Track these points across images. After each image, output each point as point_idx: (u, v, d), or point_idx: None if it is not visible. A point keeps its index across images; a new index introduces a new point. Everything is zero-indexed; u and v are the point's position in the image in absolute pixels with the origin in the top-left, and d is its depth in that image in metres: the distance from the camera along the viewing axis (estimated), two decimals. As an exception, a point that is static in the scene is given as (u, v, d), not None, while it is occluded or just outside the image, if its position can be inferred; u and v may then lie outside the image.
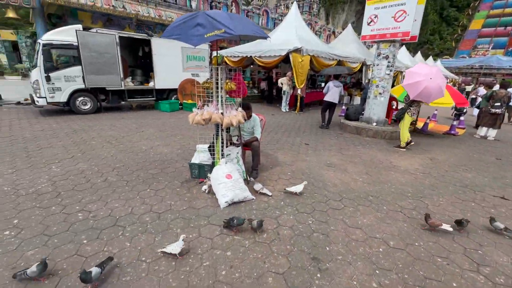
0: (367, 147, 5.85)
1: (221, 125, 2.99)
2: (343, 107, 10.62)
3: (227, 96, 3.22)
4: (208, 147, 3.46)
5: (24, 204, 2.80)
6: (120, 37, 8.05)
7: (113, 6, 10.66)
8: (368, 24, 6.87)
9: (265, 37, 2.98)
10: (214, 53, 12.14)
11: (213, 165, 3.32)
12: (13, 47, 19.51)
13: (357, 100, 14.96)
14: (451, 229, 2.60)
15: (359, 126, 7.02)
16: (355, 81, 19.31)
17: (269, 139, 6.02)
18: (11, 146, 4.71)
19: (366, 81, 11.01)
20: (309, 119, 9.13)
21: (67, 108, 7.95)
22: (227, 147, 3.57)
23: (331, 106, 7.73)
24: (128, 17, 11.44)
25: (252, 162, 3.78)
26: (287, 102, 10.72)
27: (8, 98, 9.84)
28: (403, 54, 17.06)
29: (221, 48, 13.72)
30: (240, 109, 3.15)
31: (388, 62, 6.64)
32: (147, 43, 8.77)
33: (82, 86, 7.65)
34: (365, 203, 3.21)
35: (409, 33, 6.19)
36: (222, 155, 3.31)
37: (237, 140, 3.57)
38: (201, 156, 3.56)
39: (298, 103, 10.20)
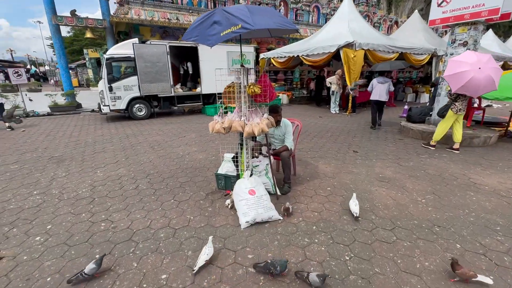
0: (435, 156, 4.72)
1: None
2: (406, 106, 9.13)
3: (253, 100, 2.87)
4: (232, 157, 3.16)
5: (62, 209, 2.97)
6: (170, 47, 8.54)
7: (168, 19, 11.49)
8: (439, 5, 5.62)
9: (294, 29, 2.53)
10: (261, 55, 12.01)
11: (238, 177, 3.01)
12: (97, 63, 23.19)
13: (424, 98, 12.86)
14: (491, 281, 1.82)
15: (426, 130, 5.80)
16: (423, 76, 16.75)
17: (311, 145, 5.43)
18: (74, 149, 5.31)
19: (437, 75, 9.25)
20: (362, 122, 8.09)
21: (127, 115, 8.80)
22: (254, 157, 3.22)
23: (378, 105, 7.06)
24: (182, 28, 12.19)
25: (284, 174, 3.33)
26: (337, 103, 9.78)
27: (87, 106, 11.53)
28: (489, 39, 13.90)
29: (269, 49, 13.51)
30: (266, 115, 2.76)
31: (467, 49, 5.29)
32: (195, 50, 9.10)
33: (138, 94, 8.36)
34: (429, 236, 2.43)
35: (499, 10, 4.79)
36: (248, 166, 2.97)
37: (267, 150, 3.18)
38: (227, 165, 3.29)
39: (350, 104, 9.19)
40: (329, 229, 2.55)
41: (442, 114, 5.00)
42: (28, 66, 39.24)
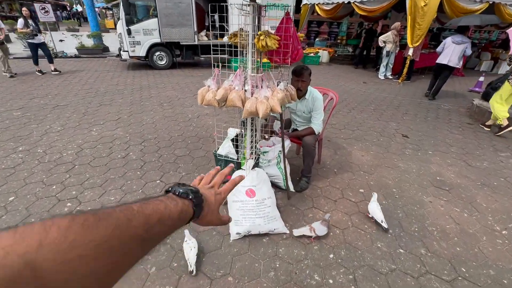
0: (523, 156, 3.42)
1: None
2: (482, 77, 7.11)
3: (266, 60, 1.91)
4: (233, 139, 2.35)
5: (36, 176, 2.56)
6: (196, -17, 7.24)
7: None
8: None
9: None
10: (304, 1, 10.02)
11: (239, 165, 2.24)
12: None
13: (504, 68, 10.12)
14: None
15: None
16: (505, 38, 13.16)
17: (347, 121, 4.35)
18: (81, 99, 4.91)
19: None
20: (417, 93, 6.49)
21: (148, 63, 8.17)
22: (264, 139, 2.38)
23: (443, 70, 5.61)
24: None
25: (303, 164, 2.49)
26: (390, 66, 8.00)
27: (115, 50, 11.10)
28: None
29: (314, -7, 11.27)
30: (283, 84, 1.81)
31: None
32: (224, -10, 7.67)
33: (158, 40, 7.52)
34: (514, 304, 1.55)
35: None
36: (252, 153, 2.16)
37: (280, 130, 2.30)
38: (231, 144, 2.52)
39: (406, 69, 7.40)
40: (353, 262, 1.77)
41: (495, 86, 4.33)
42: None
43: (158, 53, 7.82)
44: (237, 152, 2.22)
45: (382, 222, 2.01)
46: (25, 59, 8.66)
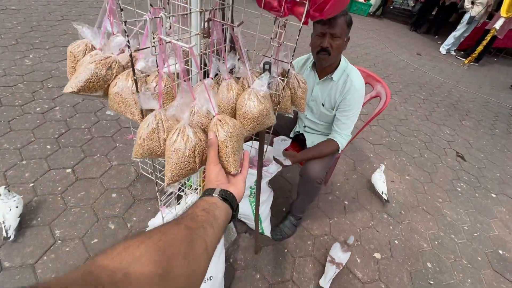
0: None
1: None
2: None
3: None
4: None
5: None
6: None
7: None
8: None
9: None
10: None
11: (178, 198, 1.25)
12: None
13: None
14: None
15: None
16: None
17: (383, 112, 3.12)
18: (45, 5, 3.69)
19: None
20: (486, 84, 4.88)
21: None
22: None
23: None
24: None
25: (296, 199, 1.49)
26: (458, 39, 6.04)
27: None
28: None
29: None
30: (265, 77, 0.69)
31: None
32: None
33: None
34: None
35: None
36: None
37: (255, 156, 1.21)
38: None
39: (482, 46, 5.50)
40: None
41: None
42: None
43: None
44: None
45: (382, 193, 1.85)
46: None
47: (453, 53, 6.25)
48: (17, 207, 1.27)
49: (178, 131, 0.52)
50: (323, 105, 1.33)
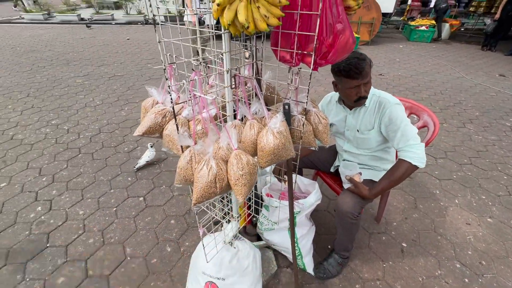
0: None
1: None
2: None
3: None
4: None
5: (41, 160, 2.40)
6: None
7: None
8: None
9: None
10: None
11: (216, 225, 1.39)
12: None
13: None
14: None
15: None
16: None
17: (454, 141, 2.73)
18: (138, 70, 4.82)
19: None
20: None
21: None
22: (280, 179, 1.44)
23: None
24: None
25: (337, 233, 1.43)
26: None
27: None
28: None
29: None
30: (280, 116, 0.79)
31: None
32: None
33: None
34: None
35: None
36: (251, 208, 1.27)
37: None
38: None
39: None
40: None
41: None
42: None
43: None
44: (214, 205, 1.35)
45: None
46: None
47: (554, 70, 5.16)
48: (148, 156, 2.27)
49: (204, 162, 0.67)
50: (358, 131, 1.32)
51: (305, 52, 0.75)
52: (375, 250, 1.63)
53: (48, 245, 1.63)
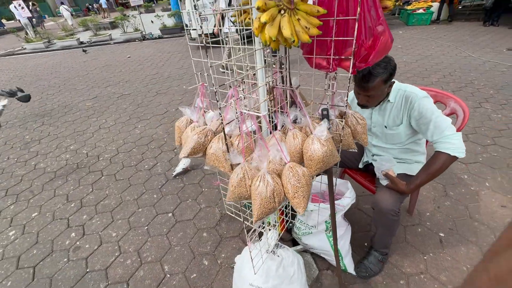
0: None
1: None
2: None
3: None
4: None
5: (66, 186, 2.45)
6: None
7: None
8: None
9: None
10: None
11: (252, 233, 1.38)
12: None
13: None
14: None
15: None
16: None
17: (473, 123, 2.69)
18: (144, 87, 4.88)
19: None
20: None
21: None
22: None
23: None
24: None
25: (376, 231, 1.41)
26: None
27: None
28: None
29: None
30: (325, 125, 0.79)
31: None
32: None
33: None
34: None
35: None
36: (287, 215, 1.27)
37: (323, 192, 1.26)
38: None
39: None
40: None
41: None
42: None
43: (225, 28, 7.21)
44: (245, 208, 1.36)
45: None
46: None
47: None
48: (184, 164, 2.39)
49: (260, 178, 0.67)
50: (385, 127, 1.31)
51: (343, 57, 0.75)
52: (412, 243, 1.61)
53: (88, 270, 1.66)
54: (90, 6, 23.08)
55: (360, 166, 1.57)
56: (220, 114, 0.70)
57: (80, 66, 7.00)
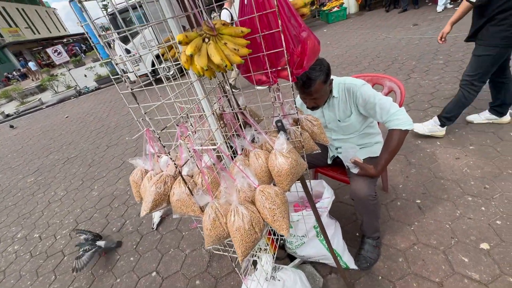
0: None
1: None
2: None
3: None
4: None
5: (21, 283, 2.07)
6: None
7: None
8: None
9: None
10: None
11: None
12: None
13: None
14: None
15: None
16: None
17: (409, 93, 2.98)
18: (91, 144, 4.51)
19: None
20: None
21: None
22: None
23: None
24: None
25: (363, 220, 1.43)
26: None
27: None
28: None
29: None
30: (282, 137, 0.78)
31: None
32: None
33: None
34: None
35: None
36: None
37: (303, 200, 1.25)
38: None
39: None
40: None
41: None
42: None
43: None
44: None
45: None
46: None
47: (450, 6, 6.01)
48: (160, 211, 2.15)
49: (233, 212, 0.62)
50: (339, 121, 1.37)
51: (279, 68, 0.76)
52: (397, 218, 1.66)
53: None
54: (9, 75, 21.18)
55: (329, 162, 1.60)
56: (171, 158, 0.64)
57: (12, 141, 6.26)
